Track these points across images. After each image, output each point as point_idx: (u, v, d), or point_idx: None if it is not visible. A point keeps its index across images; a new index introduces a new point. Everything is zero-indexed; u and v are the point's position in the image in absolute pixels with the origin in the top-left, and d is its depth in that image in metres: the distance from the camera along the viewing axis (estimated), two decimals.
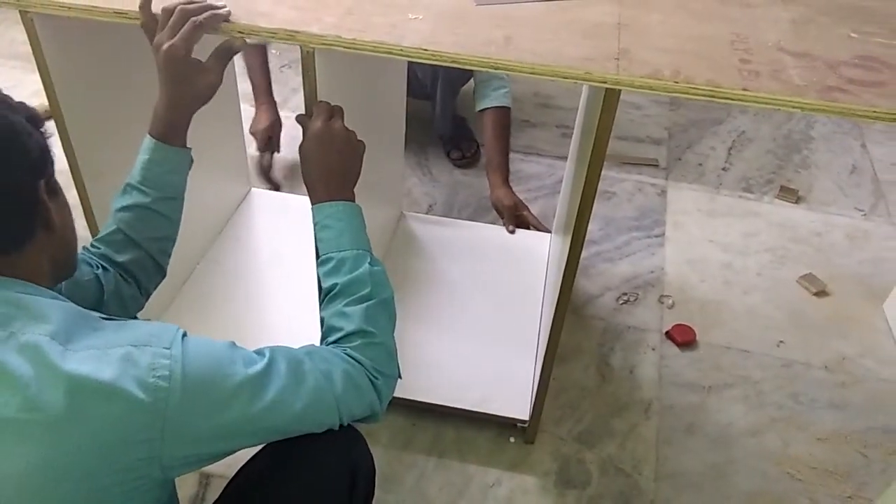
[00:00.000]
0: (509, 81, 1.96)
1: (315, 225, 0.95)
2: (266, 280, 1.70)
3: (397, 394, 1.44)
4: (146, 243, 0.97)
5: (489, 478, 1.38)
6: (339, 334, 0.87)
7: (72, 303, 0.72)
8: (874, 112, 0.86)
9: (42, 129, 0.74)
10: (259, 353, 0.78)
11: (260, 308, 1.62)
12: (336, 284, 0.90)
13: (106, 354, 0.66)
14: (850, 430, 1.51)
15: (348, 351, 0.85)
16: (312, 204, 0.96)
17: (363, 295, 0.89)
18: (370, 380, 0.85)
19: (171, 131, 0.95)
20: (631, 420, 1.50)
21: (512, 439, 1.44)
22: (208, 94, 0.97)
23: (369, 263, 0.92)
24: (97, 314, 0.72)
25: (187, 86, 0.94)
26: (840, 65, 0.93)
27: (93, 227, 1.28)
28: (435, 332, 1.58)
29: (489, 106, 1.93)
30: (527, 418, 1.40)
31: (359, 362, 0.85)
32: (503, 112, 1.93)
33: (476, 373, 1.50)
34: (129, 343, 0.68)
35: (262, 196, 1.94)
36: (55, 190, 0.75)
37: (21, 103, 0.74)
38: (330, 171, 0.96)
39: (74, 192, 1.23)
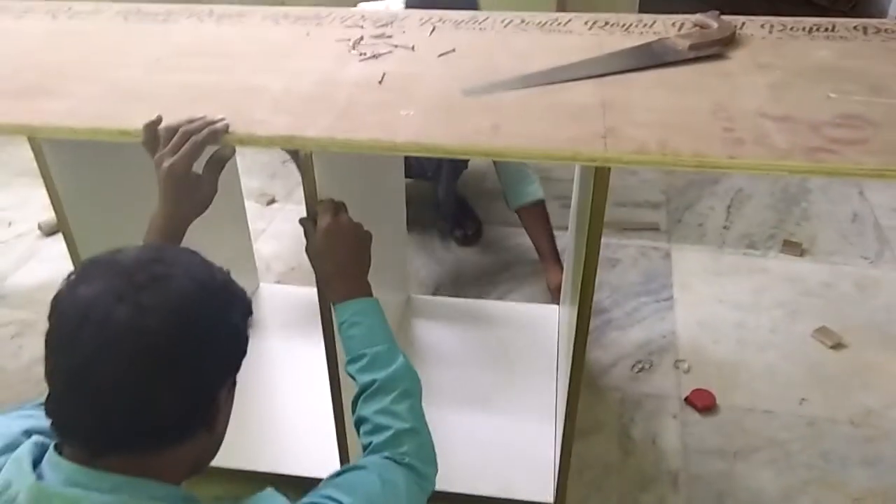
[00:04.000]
0: (535, 174, 2.01)
1: (342, 324, 0.95)
2: (279, 374, 1.69)
3: None
4: None
5: None
6: (388, 433, 0.87)
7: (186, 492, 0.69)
8: (860, 170, 0.87)
9: (249, 323, 0.73)
10: None
11: (274, 402, 1.61)
12: (375, 381, 0.90)
13: None
14: (885, 486, 1.46)
15: (406, 460, 0.85)
16: (334, 303, 0.97)
17: (405, 390, 0.90)
18: (419, 486, 0.85)
19: (169, 241, 0.97)
20: (659, 493, 1.46)
21: None
22: (205, 205, 1.00)
23: (402, 356, 0.93)
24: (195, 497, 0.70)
25: (186, 199, 0.97)
26: (822, 125, 0.95)
27: None
28: (450, 415, 1.56)
29: (526, 203, 1.98)
30: (552, 501, 1.36)
31: (413, 468, 0.85)
32: (541, 206, 1.98)
33: (495, 456, 1.47)
34: None
35: (271, 291, 1.96)
36: (234, 389, 0.73)
37: (243, 289, 0.73)
38: (345, 266, 0.98)
39: None
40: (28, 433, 0.71)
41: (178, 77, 1.15)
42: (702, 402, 1.64)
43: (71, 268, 1.20)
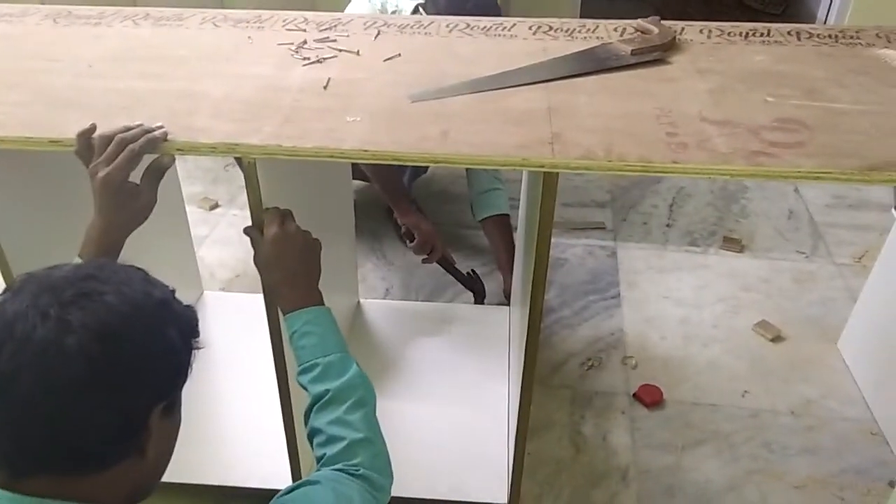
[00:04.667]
0: (504, 185, 2.01)
1: (293, 334, 0.94)
2: (225, 383, 1.65)
3: None
4: None
5: None
6: (341, 444, 0.85)
7: None
8: (798, 172, 0.90)
9: (193, 343, 0.70)
10: None
11: (221, 413, 1.57)
12: (328, 391, 0.89)
13: None
14: (824, 473, 1.51)
15: (360, 471, 0.83)
16: (284, 312, 0.96)
17: (358, 400, 0.89)
18: (374, 498, 0.83)
19: (106, 253, 0.93)
20: (610, 489, 1.48)
21: None
22: (144, 216, 0.97)
23: (356, 366, 0.92)
24: None
25: (124, 210, 0.94)
26: (761, 129, 0.98)
27: None
28: (401, 419, 1.55)
29: (492, 214, 1.98)
30: (505, 500, 1.37)
31: (368, 479, 0.83)
32: (506, 219, 1.99)
33: (448, 458, 1.47)
34: None
35: (215, 298, 1.91)
36: (172, 412, 0.70)
37: (189, 308, 0.70)
38: (294, 275, 0.97)
39: None
40: None
41: (112, 83, 1.10)
42: (650, 398, 1.67)
43: (0, 281, 1.15)
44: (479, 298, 1.97)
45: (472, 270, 2.01)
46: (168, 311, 0.68)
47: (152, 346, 0.65)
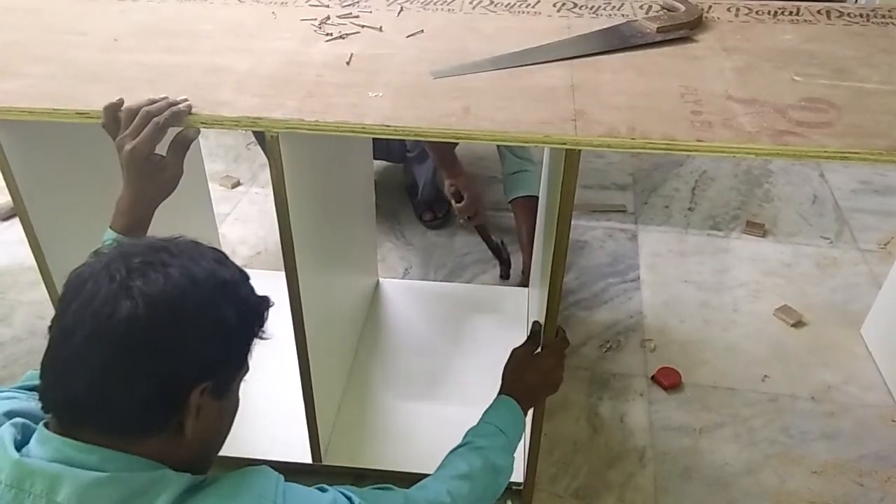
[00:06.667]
0: (534, 167, 2.02)
1: (498, 404, 1.09)
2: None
3: (388, 467, 1.42)
4: None
5: None
6: (441, 487, 0.94)
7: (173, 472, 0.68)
8: (825, 152, 0.89)
9: (256, 331, 0.73)
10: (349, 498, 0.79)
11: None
12: (483, 448, 1.01)
13: None
14: (843, 459, 1.50)
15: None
16: (507, 394, 1.11)
17: (487, 487, 0.98)
18: None
19: (136, 225, 0.96)
20: (627, 470, 1.48)
21: (509, 502, 1.41)
22: (172, 187, 0.98)
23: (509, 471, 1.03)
24: (188, 477, 0.68)
25: (151, 182, 0.95)
26: (787, 108, 0.97)
27: None
28: (420, 398, 1.56)
29: (520, 195, 2.00)
30: (521, 480, 1.38)
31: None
32: (534, 201, 1.98)
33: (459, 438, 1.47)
34: None
35: None
36: (220, 396, 0.71)
37: (260, 297, 0.73)
38: (531, 389, 1.14)
39: (44, 289, 1.22)
40: (9, 414, 0.71)
41: (137, 57, 1.11)
42: (668, 381, 1.67)
43: (28, 252, 1.17)
44: (506, 269, 1.99)
45: (502, 241, 2.03)
46: (231, 292, 0.69)
47: (203, 323, 0.67)
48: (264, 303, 0.73)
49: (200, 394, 0.67)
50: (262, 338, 0.73)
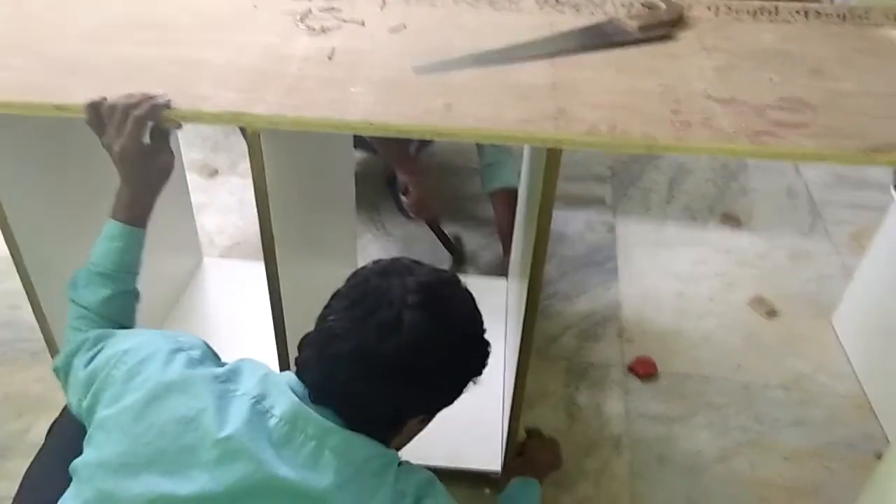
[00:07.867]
0: (511, 157, 2.00)
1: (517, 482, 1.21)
2: (224, 347, 1.66)
3: None
4: (128, 323, 0.98)
5: None
6: None
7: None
8: (801, 153, 0.91)
9: (472, 380, 0.84)
10: None
11: None
12: None
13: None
14: (813, 445, 1.55)
15: None
16: (512, 476, 1.23)
17: None
18: None
19: (141, 213, 0.97)
20: (603, 458, 1.51)
21: (487, 491, 1.43)
22: (169, 171, 0.99)
23: None
24: None
25: (149, 172, 0.96)
26: (765, 108, 0.98)
27: (39, 315, 1.26)
28: None
29: (498, 188, 1.98)
30: (499, 469, 1.40)
31: None
32: (513, 194, 1.96)
33: (443, 427, 1.48)
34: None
35: (215, 266, 1.92)
36: (425, 423, 0.86)
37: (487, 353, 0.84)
38: (538, 469, 1.28)
39: (18, 280, 1.20)
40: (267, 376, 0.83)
41: (114, 49, 1.10)
42: (644, 370, 1.70)
43: (5, 250, 1.16)
44: (457, 263, 2.02)
45: (457, 236, 2.05)
46: (482, 348, 0.81)
47: (456, 372, 0.79)
48: (489, 354, 0.83)
49: (419, 422, 0.81)
50: (472, 383, 0.84)
